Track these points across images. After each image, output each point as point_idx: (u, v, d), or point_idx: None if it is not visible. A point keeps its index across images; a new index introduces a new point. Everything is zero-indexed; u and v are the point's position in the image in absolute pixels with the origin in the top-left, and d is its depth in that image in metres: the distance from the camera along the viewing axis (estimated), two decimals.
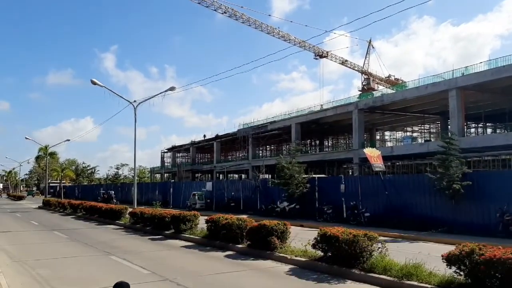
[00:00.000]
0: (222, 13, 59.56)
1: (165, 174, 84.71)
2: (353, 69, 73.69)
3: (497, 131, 51.11)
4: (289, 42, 63.19)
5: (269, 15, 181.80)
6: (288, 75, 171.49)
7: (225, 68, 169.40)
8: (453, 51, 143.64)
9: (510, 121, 40.52)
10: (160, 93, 27.10)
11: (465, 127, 44.75)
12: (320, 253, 10.28)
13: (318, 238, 10.08)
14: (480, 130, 55.07)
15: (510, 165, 35.05)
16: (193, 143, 77.92)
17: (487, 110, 42.09)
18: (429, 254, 10.31)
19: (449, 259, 7.38)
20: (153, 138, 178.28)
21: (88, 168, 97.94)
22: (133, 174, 30.09)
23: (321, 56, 69.70)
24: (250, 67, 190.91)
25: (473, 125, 54.73)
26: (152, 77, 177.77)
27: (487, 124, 53.17)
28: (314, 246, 10.25)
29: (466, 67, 36.34)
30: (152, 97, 27.60)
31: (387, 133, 68.46)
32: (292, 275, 9.55)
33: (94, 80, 25.06)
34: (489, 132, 53.47)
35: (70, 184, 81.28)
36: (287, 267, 10.43)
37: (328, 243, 9.78)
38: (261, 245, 12.04)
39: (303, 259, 10.64)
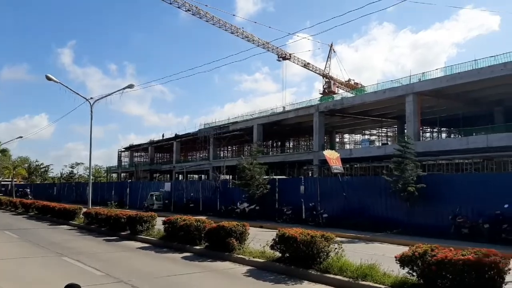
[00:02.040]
0: (185, 11, 59.17)
1: (122, 174, 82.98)
2: (315, 72, 74.77)
3: (452, 136, 53.00)
4: (253, 43, 63.42)
5: (234, 15, 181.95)
6: (251, 76, 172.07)
7: (187, 67, 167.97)
8: (411, 57, 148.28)
9: (464, 126, 42.06)
10: (118, 90, 26.56)
11: (421, 131, 46.10)
12: (278, 254, 10.28)
13: (276, 239, 10.11)
14: (435, 134, 56.92)
15: (463, 169, 36.38)
16: (151, 143, 76.72)
17: (442, 115, 43.52)
18: (384, 255, 10.54)
19: (403, 260, 7.51)
20: (110, 136, 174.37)
21: (42, 166, 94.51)
22: (88, 173, 29.28)
23: (284, 58, 70.33)
24: (212, 67, 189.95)
25: (428, 129, 56.46)
26: (111, 74, 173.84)
27: (442, 129, 54.99)
28: (272, 247, 10.26)
29: (423, 73, 37.47)
30: (110, 95, 27.12)
31: (346, 135, 69.74)
32: (250, 276, 9.51)
33: (49, 75, 24.24)
34: (443, 137, 55.34)
35: (22, 183, 78.21)
36: (245, 268, 10.38)
37: (286, 244, 9.81)
38: (220, 247, 11.94)
39: (261, 260, 10.62)
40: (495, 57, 30.93)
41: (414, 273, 7.38)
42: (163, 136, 73.84)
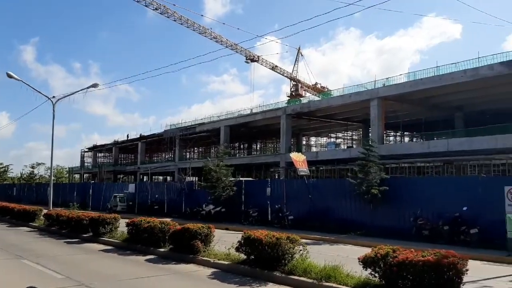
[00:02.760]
0: (153, 9, 58.31)
1: (85, 175, 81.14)
2: (283, 75, 75.15)
3: (414, 140, 54.42)
4: (221, 44, 63.15)
5: (202, 15, 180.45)
6: (219, 77, 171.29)
7: (154, 67, 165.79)
8: (377, 62, 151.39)
9: (426, 130, 43.19)
10: (82, 89, 26.15)
11: (385, 135, 47.11)
12: (243, 256, 10.27)
13: (242, 241, 10.08)
14: (398, 138, 58.28)
15: (425, 172, 37.41)
16: (116, 143, 75.28)
17: (405, 120, 44.52)
18: (347, 256, 10.68)
19: (365, 261, 7.64)
20: (73, 136, 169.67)
21: (1, 166, 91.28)
22: (49, 174, 28.60)
23: (252, 60, 70.36)
24: (179, 67, 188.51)
25: (392, 133, 57.76)
26: (74, 72, 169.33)
27: (405, 133, 56.34)
28: (237, 249, 10.23)
29: (387, 78, 38.16)
30: (73, 94, 26.62)
31: (312, 138, 70.40)
32: (214, 279, 9.46)
33: (10, 73, 23.56)
34: (406, 141, 56.74)
35: None
36: (210, 270, 10.32)
37: (252, 246, 9.80)
38: (184, 249, 11.84)
39: (226, 262, 10.60)
40: (456, 64, 31.90)
41: (376, 274, 7.51)
42: (127, 136, 72.61)
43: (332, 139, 64.98)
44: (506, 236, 13.33)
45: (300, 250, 9.53)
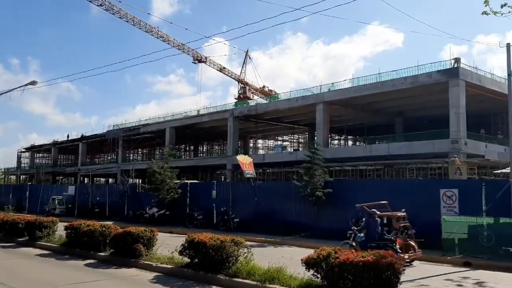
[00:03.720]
0: (97, 5, 56.72)
1: (21, 176, 77.31)
2: (231, 77, 75.28)
3: (357, 144, 56.06)
4: (168, 44, 62.30)
5: (149, 14, 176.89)
6: (165, 78, 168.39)
7: (97, 65, 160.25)
8: (323, 68, 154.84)
9: (368, 134, 44.65)
10: (20, 86, 25.23)
11: (330, 138, 48.21)
12: (187, 259, 10.15)
13: (186, 245, 9.98)
14: (342, 142, 59.84)
15: (367, 175, 38.60)
16: (55, 143, 72.22)
17: (349, 124, 45.76)
18: (291, 258, 10.80)
19: (308, 263, 7.75)
20: (10, 135, 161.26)
21: None
22: None
23: (200, 61, 69.93)
24: (123, 66, 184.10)
25: (336, 137, 59.21)
26: (12, 69, 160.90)
27: (349, 136, 57.95)
28: (181, 252, 10.11)
29: (332, 83, 39.06)
30: (10, 91, 25.64)
31: (260, 141, 70.87)
32: (156, 283, 9.27)
33: None
34: (350, 144, 58.34)
35: None
36: (152, 275, 10.11)
37: (196, 249, 9.71)
38: (126, 253, 11.54)
39: (169, 266, 10.43)
40: (397, 71, 33.15)
41: (319, 275, 7.63)
42: (68, 136, 69.78)
43: (279, 142, 65.72)
44: (441, 236, 14.02)
45: (245, 252, 9.54)
